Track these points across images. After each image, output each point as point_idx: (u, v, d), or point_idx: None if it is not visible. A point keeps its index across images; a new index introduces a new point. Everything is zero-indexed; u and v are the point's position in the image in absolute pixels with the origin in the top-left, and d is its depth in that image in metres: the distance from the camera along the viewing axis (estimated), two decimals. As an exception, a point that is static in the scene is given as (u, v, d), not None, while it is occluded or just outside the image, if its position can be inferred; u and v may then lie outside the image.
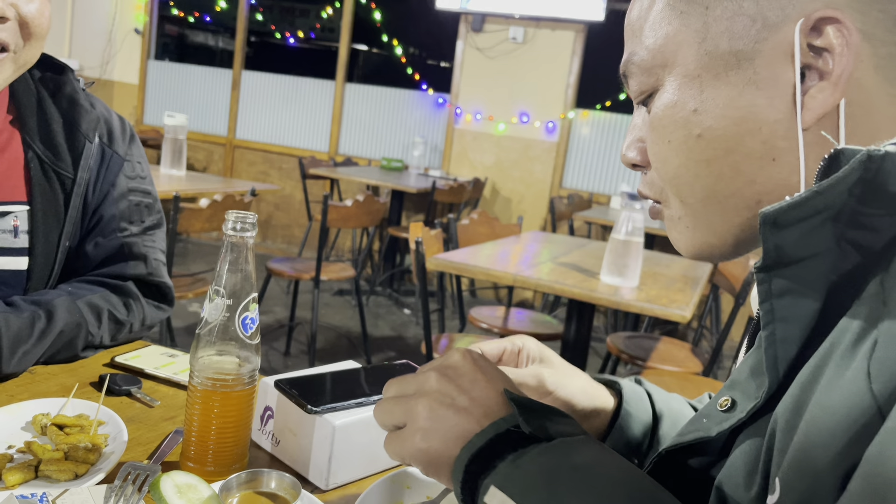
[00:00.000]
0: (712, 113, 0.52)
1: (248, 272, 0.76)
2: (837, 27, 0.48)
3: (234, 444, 0.78)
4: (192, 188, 3.25)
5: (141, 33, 6.30)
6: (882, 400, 0.38)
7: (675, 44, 0.54)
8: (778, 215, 0.46)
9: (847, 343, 0.43)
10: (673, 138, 0.55)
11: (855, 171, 0.43)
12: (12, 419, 0.83)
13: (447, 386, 0.57)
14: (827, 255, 0.46)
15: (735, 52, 0.51)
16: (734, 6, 0.51)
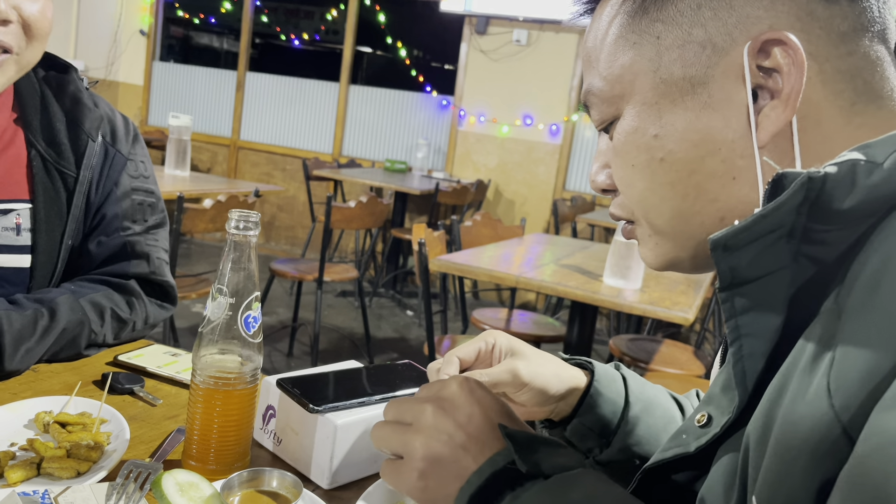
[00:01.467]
0: (672, 137, 0.54)
1: (251, 271, 0.76)
2: (783, 48, 0.50)
3: (236, 442, 0.78)
4: (196, 189, 3.25)
5: (146, 35, 6.32)
6: (843, 415, 0.39)
7: (630, 74, 0.56)
8: (727, 240, 0.47)
9: (807, 359, 0.43)
10: (636, 163, 0.57)
11: (797, 194, 0.44)
12: (15, 417, 0.83)
13: (444, 422, 0.57)
14: (785, 270, 0.47)
15: (689, 78, 0.53)
16: (684, 34, 0.53)
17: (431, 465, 0.57)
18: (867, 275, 0.42)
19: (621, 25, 0.57)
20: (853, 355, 0.40)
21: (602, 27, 0.59)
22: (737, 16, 0.52)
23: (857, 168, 0.44)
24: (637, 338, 3.07)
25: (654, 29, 0.55)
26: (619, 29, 0.57)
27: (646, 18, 0.55)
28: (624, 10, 0.57)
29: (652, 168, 0.56)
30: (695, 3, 0.53)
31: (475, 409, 0.58)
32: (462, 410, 0.58)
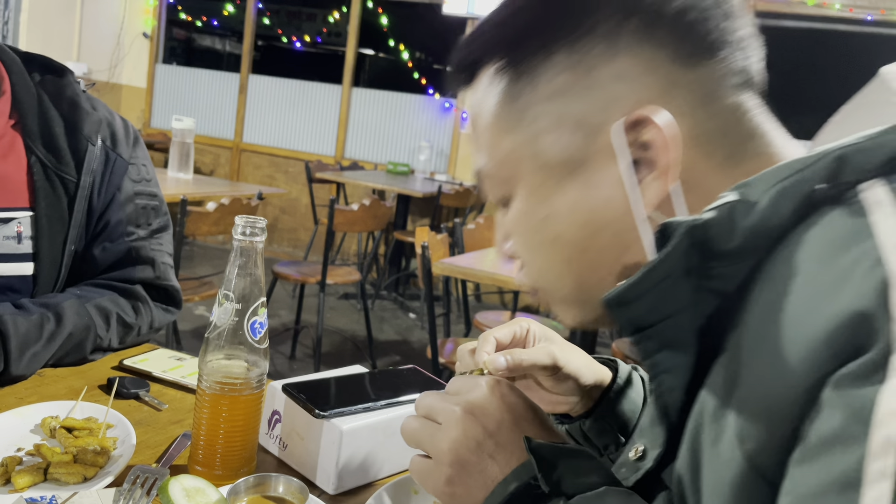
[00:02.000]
0: (561, 218, 0.55)
1: (258, 277, 0.76)
2: (652, 123, 0.51)
3: (242, 448, 0.78)
4: (199, 191, 3.26)
5: (149, 37, 6.33)
6: (755, 459, 0.40)
7: (512, 160, 0.57)
8: (619, 298, 0.49)
9: (716, 404, 0.45)
10: (531, 243, 0.58)
11: (682, 242, 0.46)
12: (21, 422, 0.83)
13: (473, 428, 0.58)
14: (688, 308, 0.48)
15: (567, 161, 0.54)
16: (556, 117, 0.54)
17: (459, 472, 0.57)
18: (752, 323, 0.44)
19: (497, 108, 0.57)
20: (756, 405, 0.41)
21: (481, 108, 0.59)
22: (605, 96, 0.53)
23: (734, 210, 0.45)
24: (640, 341, 3.07)
25: (528, 113, 0.55)
26: (496, 112, 0.57)
27: (519, 102, 0.56)
28: (498, 91, 0.57)
29: (546, 248, 0.57)
30: (564, 86, 0.54)
31: (505, 416, 0.58)
32: (492, 417, 0.58)
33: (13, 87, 1.05)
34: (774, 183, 0.45)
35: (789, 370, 0.39)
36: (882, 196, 0.41)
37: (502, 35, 0.57)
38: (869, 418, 0.34)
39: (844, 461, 0.35)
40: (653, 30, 0.52)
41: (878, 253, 0.38)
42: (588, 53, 0.53)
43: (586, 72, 0.53)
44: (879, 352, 0.35)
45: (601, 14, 0.53)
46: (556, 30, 0.54)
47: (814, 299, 0.40)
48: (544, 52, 0.54)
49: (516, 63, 0.56)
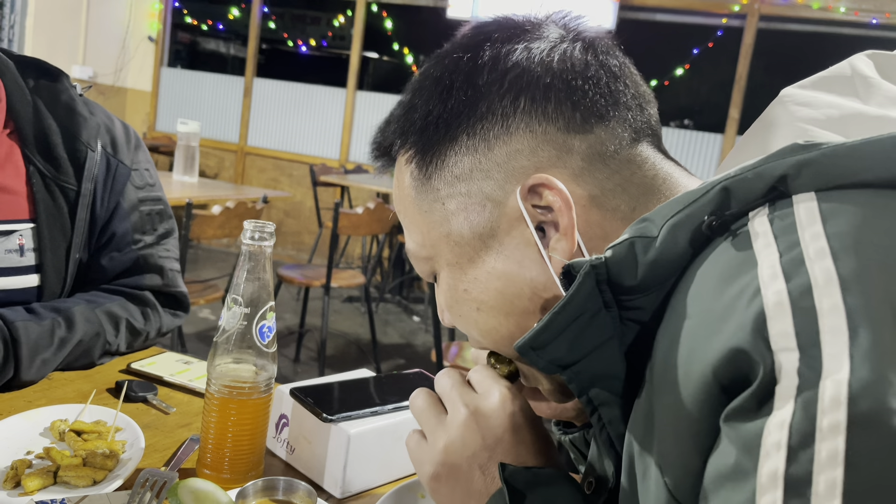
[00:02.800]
0: (479, 289, 0.58)
1: (266, 281, 0.77)
2: (550, 190, 0.55)
3: (250, 451, 0.78)
4: (204, 195, 3.27)
5: (154, 41, 6.35)
6: (676, 492, 0.42)
7: (430, 240, 0.61)
8: (531, 343, 0.50)
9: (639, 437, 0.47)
10: (461, 313, 0.61)
11: (586, 281, 0.48)
12: (31, 425, 0.84)
13: (473, 437, 0.58)
14: (613, 340, 0.50)
15: (478, 236, 0.58)
16: (464, 198, 0.58)
17: (447, 472, 0.58)
18: (659, 356, 0.45)
19: (413, 191, 0.61)
20: (666, 437, 0.43)
21: (400, 190, 0.63)
22: (504, 171, 0.57)
23: (633, 246, 0.47)
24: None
25: (438, 195, 0.59)
26: (413, 195, 0.61)
27: (429, 185, 0.60)
28: (412, 175, 0.61)
29: (474, 317, 0.60)
30: (467, 167, 0.58)
31: (507, 435, 0.58)
32: (493, 432, 0.58)
33: (8, 95, 1.02)
34: (668, 217, 0.46)
35: (689, 405, 0.40)
36: (762, 227, 0.42)
37: (410, 122, 0.61)
38: (757, 452, 0.35)
39: (739, 496, 0.35)
40: (543, 105, 0.56)
41: (757, 283, 0.39)
42: (486, 137, 0.57)
43: (486, 152, 0.57)
44: (761, 384, 0.36)
45: (494, 97, 0.57)
46: (456, 115, 0.58)
47: (704, 333, 0.41)
48: (447, 138, 0.58)
49: (424, 149, 0.60)
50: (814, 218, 0.41)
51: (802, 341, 0.36)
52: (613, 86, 0.58)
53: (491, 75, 0.57)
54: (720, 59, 5.13)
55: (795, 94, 0.52)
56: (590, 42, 0.59)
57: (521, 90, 0.56)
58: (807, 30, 4.98)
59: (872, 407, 0.33)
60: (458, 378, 0.62)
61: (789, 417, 0.34)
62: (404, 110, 0.62)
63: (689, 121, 5.48)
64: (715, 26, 5.06)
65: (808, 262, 0.38)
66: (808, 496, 0.33)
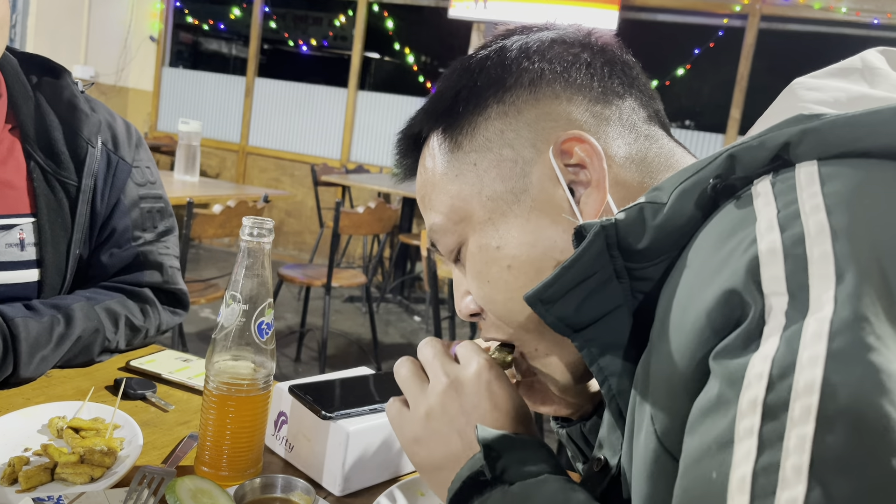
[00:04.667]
0: (512, 244, 0.60)
1: (265, 278, 0.76)
2: (581, 145, 0.58)
3: (249, 449, 0.78)
4: (205, 194, 3.27)
5: (156, 41, 6.36)
6: (664, 439, 0.44)
7: (461, 201, 0.63)
8: (539, 294, 0.52)
9: (639, 394, 0.48)
10: (490, 277, 0.62)
11: (595, 241, 0.50)
12: (28, 422, 0.83)
13: (451, 403, 0.61)
14: (624, 308, 0.52)
15: (510, 191, 0.60)
16: (495, 156, 0.61)
17: (427, 436, 0.61)
18: (660, 314, 0.47)
19: (443, 164, 0.64)
20: (659, 387, 0.45)
21: (427, 171, 0.66)
22: (535, 130, 0.60)
23: (643, 211, 0.49)
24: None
25: (469, 158, 0.62)
26: (442, 167, 0.64)
27: (460, 152, 0.63)
28: (441, 151, 0.64)
29: (503, 278, 0.61)
30: (498, 129, 0.61)
31: (483, 402, 0.60)
32: (471, 399, 0.61)
33: (10, 90, 1.03)
34: (678, 184, 0.49)
35: (681, 350, 0.42)
36: (764, 189, 0.44)
37: (439, 103, 0.65)
38: (740, 383, 0.37)
39: (719, 424, 0.37)
40: (567, 76, 0.61)
41: (753, 235, 0.41)
42: (515, 102, 0.61)
43: (516, 115, 0.61)
44: (751, 324, 0.38)
45: (522, 69, 0.61)
46: (485, 88, 0.62)
47: (701, 282, 0.43)
48: (478, 108, 0.62)
49: (455, 122, 0.63)
50: (813, 180, 0.42)
51: (792, 286, 0.38)
52: (629, 71, 0.63)
53: (518, 54, 0.62)
54: (721, 59, 5.13)
55: (806, 82, 0.54)
56: (605, 41, 0.65)
57: (546, 62, 0.61)
58: (808, 30, 4.97)
59: (850, 342, 0.35)
60: (440, 348, 0.64)
61: (773, 351, 0.36)
62: (432, 99, 0.66)
63: (691, 121, 5.47)
64: (716, 26, 5.06)
65: (804, 216, 0.40)
66: (784, 420, 0.34)
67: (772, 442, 0.34)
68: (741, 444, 0.35)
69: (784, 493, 0.33)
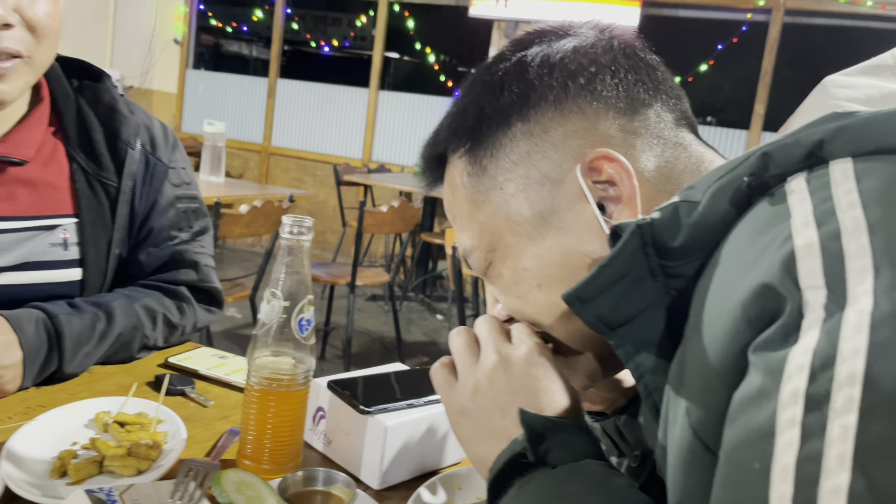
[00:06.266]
0: (540, 265, 0.61)
1: (304, 275, 0.78)
2: (609, 162, 0.58)
3: (290, 442, 0.80)
4: (230, 194, 3.30)
5: (180, 43, 6.43)
6: (699, 430, 0.44)
7: (490, 227, 0.63)
8: (577, 293, 0.53)
9: (674, 388, 0.49)
10: (519, 294, 0.63)
11: (632, 240, 0.50)
12: (75, 417, 0.86)
13: (498, 381, 0.61)
14: (659, 305, 0.52)
15: (537, 214, 0.60)
16: (522, 179, 0.61)
17: (473, 409, 0.62)
18: (694, 308, 0.48)
19: (469, 189, 0.64)
20: (694, 380, 0.45)
21: (453, 193, 0.66)
22: (561, 150, 0.60)
23: (678, 210, 0.50)
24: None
25: (495, 182, 0.62)
26: (468, 192, 0.64)
27: (486, 175, 0.62)
28: (466, 174, 0.64)
29: (533, 295, 0.62)
30: (524, 150, 0.61)
31: (531, 383, 0.61)
32: (518, 379, 0.61)
33: (52, 94, 1.05)
34: (712, 183, 0.49)
35: (717, 343, 0.43)
36: (799, 185, 0.44)
37: (462, 122, 0.64)
38: (780, 375, 0.37)
39: (761, 414, 0.37)
40: (591, 90, 0.60)
41: (789, 230, 0.41)
42: (540, 121, 0.60)
43: (541, 135, 0.60)
44: (790, 317, 0.38)
45: (545, 85, 0.60)
46: (509, 107, 0.61)
47: (736, 277, 0.43)
48: (502, 128, 0.61)
49: (478, 142, 0.63)
50: (848, 176, 0.43)
51: (829, 280, 0.38)
52: (653, 75, 0.62)
53: (540, 69, 0.61)
54: (744, 54, 5.08)
55: (837, 80, 0.54)
56: (626, 42, 0.64)
57: (569, 76, 0.60)
58: (833, 24, 4.92)
59: (891, 334, 0.35)
60: (497, 325, 0.64)
61: (813, 344, 0.37)
62: (455, 114, 0.65)
63: (713, 117, 5.43)
64: (739, 21, 5.02)
65: (840, 212, 0.40)
66: (826, 411, 0.35)
67: (814, 432, 0.35)
68: (783, 435, 0.36)
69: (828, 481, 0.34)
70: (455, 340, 0.65)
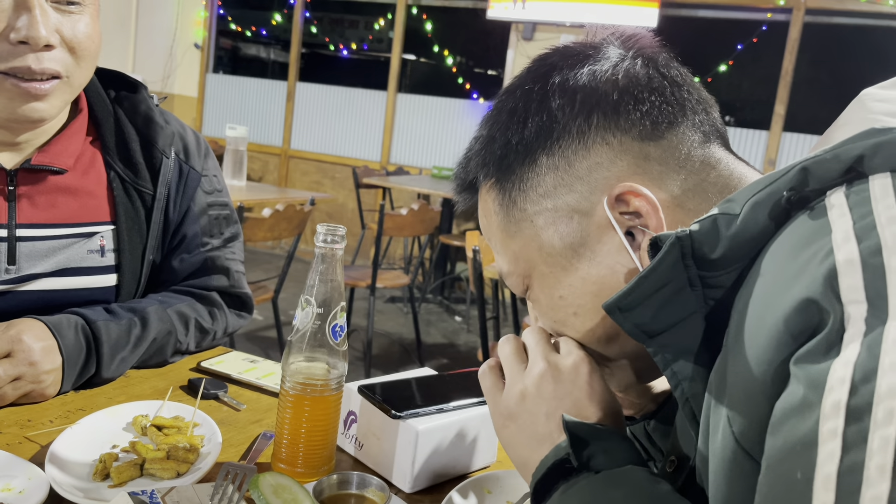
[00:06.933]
0: (575, 294, 0.63)
1: (338, 282, 0.79)
2: (635, 196, 0.59)
3: (323, 446, 0.81)
4: (252, 198, 3.34)
5: (200, 48, 6.49)
6: (741, 439, 0.45)
7: (523, 257, 0.65)
8: (618, 303, 0.54)
9: (715, 395, 0.50)
10: (557, 319, 0.65)
11: (671, 252, 0.51)
12: (114, 420, 0.88)
13: (546, 387, 0.63)
14: (697, 315, 0.54)
15: (569, 245, 0.62)
16: (551, 213, 0.62)
17: (519, 413, 0.64)
18: (735, 319, 0.49)
19: (500, 220, 0.66)
20: (736, 389, 0.46)
21: (488, 219, 0.68)
22: (587, 183, 0.61)
23: (717, 222, 0.51)
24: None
25: (525, 215, 0.64)
26: (500, 223, 0.66)
27: (516, 208, 0.64)
28: (497, 205, 0.66)
29: (570, 321, 0.64)
30: (550, 184, 0.62)
31: (576, 391, 0.63)
32: (564, 386, 0.63)
33: (90, 104, 1.08)
34: (750, 196, 0.50)
35: (759, 355, 0.44)
36: (838, 200, 0.45)
37: (490, 154, 0.66)
38: (822, 387, 0.38)
39: (803, 425, 0.39)
40: (615, 119, 0.60)
41: (830, 246, 0.42)
42: (564, 154, 0.61)
43: (567, 168, 0.62)
44: (832, 331, 0.40)
45: (568, 118, 0.61)
46: (533, 140, 0.63)
47: (778, 290, 0.44)
48: (528, 161, 0.63)
49: (506, 175, 0.65)
50: (887, 192, 0.44)
51: (871, 294, 0.39)
52: (678, 93, 0.62)
53: (562, 99, 0.62)
54: (764, 54, 5.05)
55: (874, 93, 0.55)
56: (649, 57, 0.64)
57: (592, 108, 0.61)
58: (854, 23, 4.87)
59: None
60: (545, 336, 0.66)
61: (854, 357, 0.38)
62: (483, 144, 0.67)
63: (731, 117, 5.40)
64: (759, 21, 4.99)
65: (880, 228, 0.42)
66: (867, 422, 0.36)
67: (856, 443, 0.36)
68: (825, 446, 0.37)
69: (868, 491, 0.35)
70: (504, 347, 0.67)
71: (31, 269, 1.00)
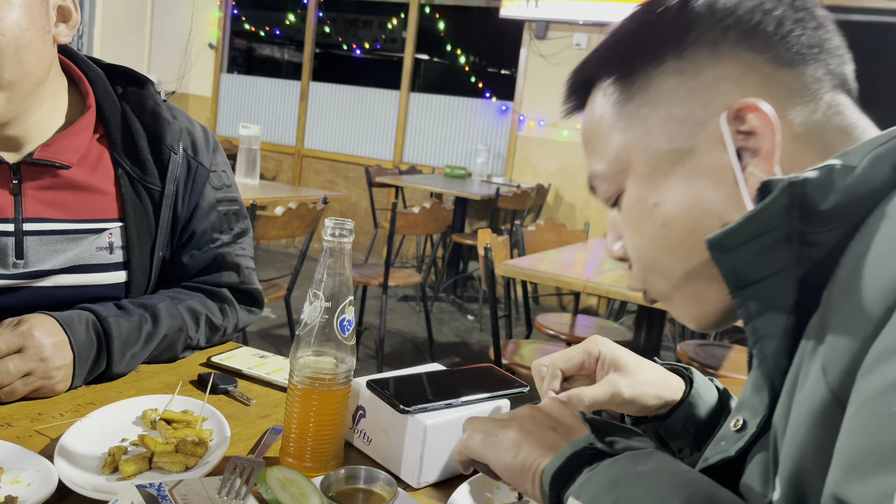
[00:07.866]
0: (670, 204, 0.60)
1: (346, 276, 0.79)
2: (755, 113, 0.56)
3: (331, 441, 0.81)
4: (265, 196, 3.35)
5: (214, 48, 6.53)
6: (835, 387, 0.45)
7: (625, 153, 0.63)
8: (721, 239, 0.53)
9: (810, 347, 0.49)
10: (642, 231, 0.63)
11: (781, 196, 0.50)
12: (123, 414, 0.88)
13: (539, 414, 0.67)
14: (788, 272, 0.52)
15: (676, 150, 0.60)
16: (666, 113, 0.60)
17: (524, 437, 0.64)
18: (844, 271, 0.48)
19: (612, 114, 0.64)
20: (838, 337, 0.46)
21: (595, 118, 0.66)
22: (710, 92, 0.59)
23: (833, 172, 0.49)
24: (705, 343, 3.02)
25: (640, 112, 0.62)
26: (611, 117, 0.64)
27: (631, 104, 0.63)
28: (612, 100, 0.64)
29: (656, 233, 0.62)
30: (672, 86, 0.60)
31: (566, 417, 0.67)
32: (554, 412, 0.68)
33: (98, 101, 1.08)
34: (871, 149, 0.49)
35: (866, 307, 0.44)
36: None
37: (615, 52, 0.65)
38: None
39: None
40: (752, 38, 0.58)
41: None
42: (694, 60, 0.59)
43: (693, 75, 0.59)
44: None
45: (705, 26, 0.59)
46: (665, 43, 0.61)
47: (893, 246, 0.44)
48: (655, 62, 0.61)
49: (629, 73, 0.63)
50: None
51: None
52: (820, 32, 0.60)
53: (703, 8, 0.60)
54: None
55: None
56: None
57: (732, 23, 0.59)
58: (872, 20, 4.82)
59: None
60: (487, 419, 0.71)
61: None
62: (609, 44, 0.66)
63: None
64: (775, 18, 4.94)
65: None
66: None
67: None
68: None
69: None
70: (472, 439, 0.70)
71: (41, 265, 1.01)
